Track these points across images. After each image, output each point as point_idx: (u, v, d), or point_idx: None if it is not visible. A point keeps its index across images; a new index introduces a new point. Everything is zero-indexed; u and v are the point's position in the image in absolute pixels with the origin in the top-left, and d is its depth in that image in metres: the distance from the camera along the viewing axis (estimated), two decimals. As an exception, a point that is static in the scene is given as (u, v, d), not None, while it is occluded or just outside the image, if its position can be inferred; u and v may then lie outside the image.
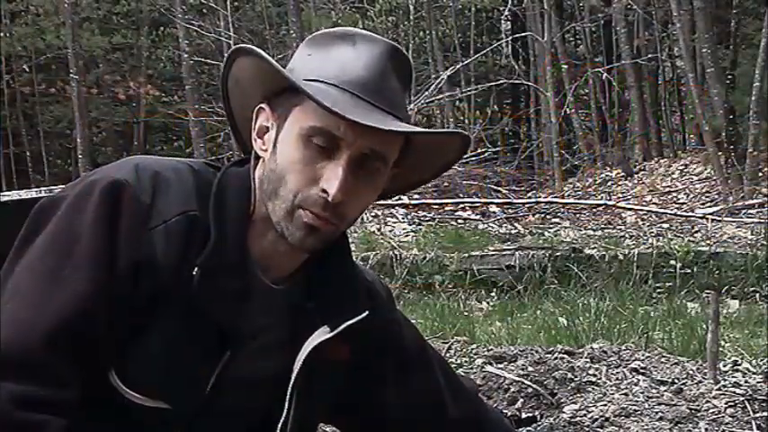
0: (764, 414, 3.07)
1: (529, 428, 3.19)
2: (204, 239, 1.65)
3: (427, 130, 1.77)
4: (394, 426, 2.00)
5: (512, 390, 3.38)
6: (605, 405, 3.16)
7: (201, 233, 1.65)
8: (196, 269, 1.64)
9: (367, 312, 1.80)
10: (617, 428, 3.02)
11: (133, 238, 1.61)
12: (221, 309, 1.68)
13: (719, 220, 9.68)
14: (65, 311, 1.56)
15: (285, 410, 1.77)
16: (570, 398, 3.31)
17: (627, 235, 9.27)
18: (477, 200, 11.67)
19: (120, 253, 1.60)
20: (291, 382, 1.76)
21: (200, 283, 1.64)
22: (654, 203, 12.04)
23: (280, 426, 1.78)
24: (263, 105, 1.71)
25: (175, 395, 1.68)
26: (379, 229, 9.23)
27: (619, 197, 12.87)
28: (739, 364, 3.73)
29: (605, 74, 17.22)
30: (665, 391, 3.27)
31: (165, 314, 1.64)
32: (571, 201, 12.41)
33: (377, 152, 1.65)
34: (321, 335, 1.76)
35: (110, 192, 1.61)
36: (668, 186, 13.22)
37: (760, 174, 12.00)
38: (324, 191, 1.62)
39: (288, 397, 1.77)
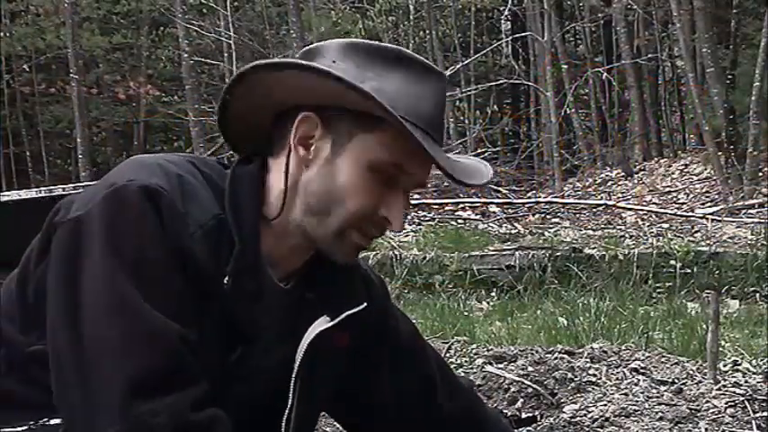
0: (764, 414, 3.07)
1: (529, 428, 3.19)
2: (230, 244, 1.66)
3: (489, 179, 1.79)
4: (389, 412, 2.01)
5: (512, 390, 3.38)
6: (605, 405, 3.16)
7: (228, 237, 1.66)
8: (227, 278, 1.65)
9: (366, 304, 1.85)
10: (617, 428, 3.02)
11: (179, 244, 1.60)
12: (241, 308, 1.69)
13: (719, 220, 9.68)
14: (172, 317, 1.57)
15: (290, 399, 1.79)
16: (570, 398, 3.31)
17: (627, 235, 9.27)
18: (477, 200, 11.67)
19: (174, 254, 1.60)
20: (295, 372, 1.79)
21: (231, 288, 1.66)
22: (654, 203, 12.04)
23: (285, 414, 1.80)
24: (310, 114, 1.68)
25: None
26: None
27: (619, 197, 12.87)
28: (739, 364, 3.73)
29: (605, 74, 17.21)
30: (666, 391, 3.27)
31: (203, 317, 1.64)
32: (571, 201, 12.41)
33: (426, 183, 1.74)
34: (322, 324, 1.79)
35: (148, 199, 1.59)
36: (668, 186, 13.21)
37: (760, 174, 11.99)
38: (386, 219, 1.68)
39: (292, 386, 1.79)
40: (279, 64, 1.67)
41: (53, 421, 1.66)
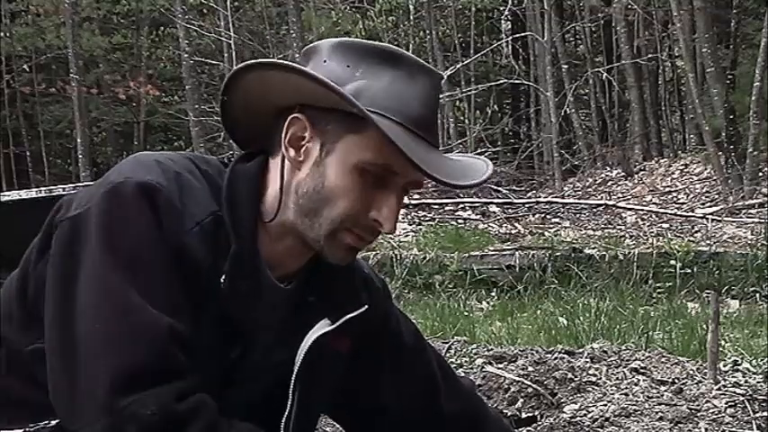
0: (765, 414, 3.07)
1: (529, 428, 3.19)
2: (227, 241, 1.67)
3: (486, 177, 1.75)
4: (391, 414, 2.01)
5: (512, 390, 3.38)
6: (605, 405, 3.16)
7: (226, 234, 1.67)
8: (224, 277, 1.66)
9: (366, 307, 1.84)
10: (617, 428, 3.02)
11: (176, 241, 1.61)
12: (238, 307, 1.70)
13: (719, 220, 9.69)
14: (164, 311, 1.57)
15: (289, 401, 1.80)
16: (570, 398, 3.31)
17: (627, 235, 9.28)
18: (477, 200, 11.67)
19: (171, 251, 1.61)
20: (294, 374, 1.79)
21: (228, 287, 1.66)
22: (654, 203, 12.04)
23: (285, 416, 1.80)
24: (297, 116, 1.69)
25: None
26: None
27: (619, 197, 12.86)
28: (739, 364, 3.73)
29: (605, 74, 17.20)
30: (666, 391, 3.27)
31: (200, 315, 1.65)
32: (571, 201, 12.41)
33: (419, 184, 1.69)
34: (323, 327, 1.80)
35: (145, 195, 1.60)
36: (668, 186, 13.21)
37: (760, 174, 11.99)
38: (377, 221, 1.66)
39: (291, 388, 1.79)
40: (266, 63, 1.69)
41: (53, 423, 1.67)
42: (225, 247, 1.66)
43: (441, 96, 1.77)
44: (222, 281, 1.65)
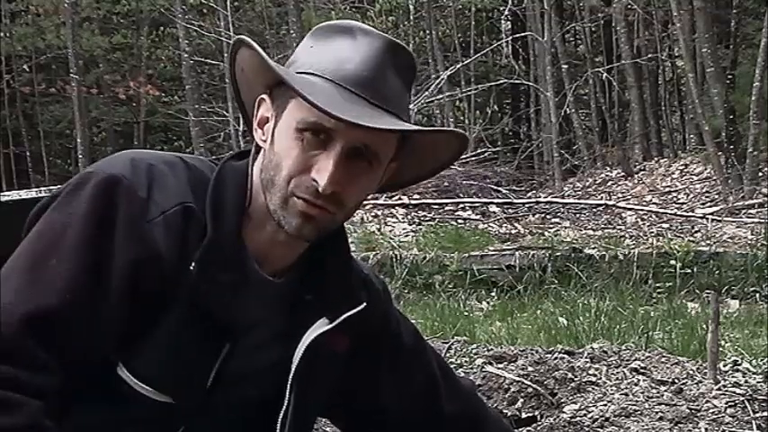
0: (764, 414, 3.07)
1: (529, 428, 3.20)
2: (201, 232, 1.66)
3: (418, 127, 1.76)
4: (390, 415, 2.01)
5: (512, 390, 3.39)
6: (605, 405, 3.16)
7: (198, 226, 1.66)
8: (193, 264, 1.64)
9: (365, 304, 1.83)
10: (617, 428, 3.03)
11: (132, 232, 1.61)
12: (219, 302, 1.68)
13: (719, 220, 9.69)
14: (45, 299, 1.57)
15: (285, 401, 1.79)
16: (570, 398, 3.31)
17: (627, 235, 9.28)
18: (477, 200, 11.68)
19: (118, 248, 1.61)
20: (292, 374, 1.78)
21: (199, 277, 1.65)
22: (654, 203, 12.05)
23: (280, 417, 1.79)
24: (263, 96, 1.72)
25: (179, 389, 1.69)
26: (379, 229, 9.24)
27: (619, 197, 12.87)
28: (739, 364, 3.74)
29: (605, 74, 17.21)
30: (666, 390, 3.27)
31: (170, 308, 1.65)
32: (571, 201, 12.42)
33: (370, 147, 1.66)
34: (320, 326, 1.78)
35: (104, 187, 1.62)
36: (668, 186, 13.21)
37: (760, 174, 12.00)
38: (314, 180, 1.63)
39: (288, 388, 1.78)
40: (238, 41, 1.72)
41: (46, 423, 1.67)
42: (197, 238, 1.66)
43: (401, 62, 1.71)
44: (191, 268, 1.64)
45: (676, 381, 3.38)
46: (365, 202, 4.50)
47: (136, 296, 1.62)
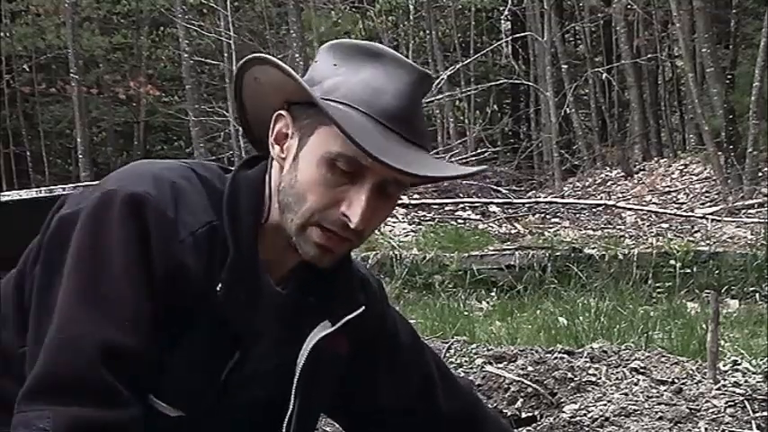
0: (764, 414, 3.07)
1: (529, 428, 3.20)
2: (224, 249, 1.65)
3: (457, 174, 1.76)
4: (389, 414, 2.01)
5: (512, 389, 3.39)
6: (605, 405, 3.17)
7: (222, 245, 1.65)
8: (220, 285, 1.64)
9: (364, 307, 1.84)
10: (617, 428, 3.03)
11: (166, 254, 1.60)
12: (236, 315, 1.69)
13: (719, 220, 9.70)
14: (110, 327, 1.55)
15: (291, 404, 1.79)
16: (570, 397, 3.32)
17: (627, 235, 9.29)
18: (476, 200, 11.68)
19: (156, 264, 1.59)
20: (296, 377, 1.78)
21: (224, 297, 1.65)
22: (653, 203, 12.06)
23: (286, 420, 1.79)
24: (282, 112, 1.69)
25: (194, 402, 1.69)
26: (379, 229, 9.24)
27: (618, 197, 12.88)
28: (739, 364, 3.73)
29: (605, 74, 17.23)
30: (665, 390, 3.27)
31: (194, 327, 1.64)
32: (571, 200, 12.42)
33: (399, 181, 1.65)
34: (323, 329, 1.79)
35: (132, 207, 1.59)
36: (668, 186, 13.22)
37: (760, 174, 12.01)
38: (345, 215, 1.62)
39: (294, 391, 1.78)
40: (260, 59, 1.69)
41: None
42: (221, 256, 1.65)
43: (425, 93, 1.71)
44: (218, 289, 1.64)
45: (676, 380, 3.38)
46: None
47: (168, 316, 1.61)
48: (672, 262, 7.54)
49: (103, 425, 1.51)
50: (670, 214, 10.55)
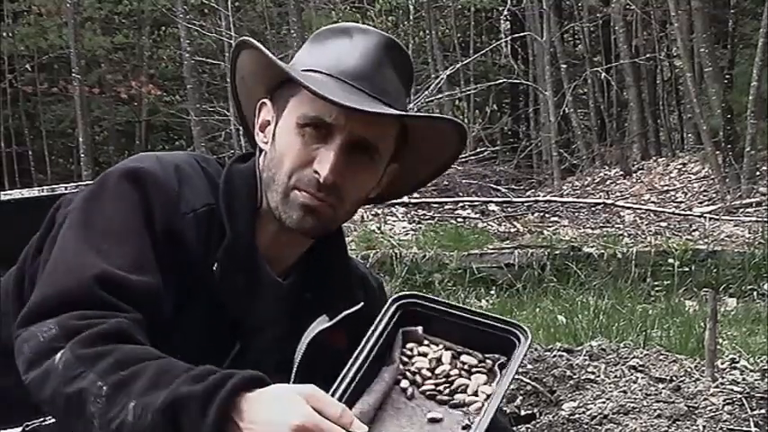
0: (762, 411, 3.10)
1: (528, 426, 3.23)
2: (221, 231, 1.70)
3: (416, 113, 1.81)
4: None
5: (511, 387, 3.42)
6: (604, 402, 3.19)
7: (219, 225, 1.70)
8: (216, 264, 1.68)
9: (363, 303, 1.86)
10: (615, 426, 3.06)
11: (167, 217, 1.65)
12: (236, 303, 1.73)
13: (717, 219, 9.73)
14: (111, 260, 1.58)
15: None
16: (569, 395, 3.35)
17: (625, 233, 9.30)
18: (476, 198, 11.70)
19: (156, 226, 1.63)
20: (294, 370, 1.81)
21: (219, 277, 1.69)
22: (652, 202, 12.08)
23: None
24: (264, 100, 1.77)
25: None
26: (378, 228, 9.25)
27: (617, 196, 12.89)
28: (737, 362, 3.76)
29: (604, 73, 17.23)
30: (664, 388, 3.30)
31: (189, 305, 1.69)
32: (570, 199, 12.44)
33: (369, 140, 1.70)
34: (321, 324, 1.82)
35: (135, 177, 1.65)
36: (666, 185, 13.24)
37: (757, 173, 12.03)
38: (316, 171, 1.67)
39: (291, 384, 1.81)
40: (241, 43, 1.76)
41: (49, 420, 1.71)
42: (218, 238, 1.70)
43: (395, 57, 1.76)
44: (214, 268, 1.69)
45: (674, 378, 3.41)
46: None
47: (166, 284, 1.65)
48: (670, 260, 7.56)
49: (107, 324, 1.52)
50: (668, 213, 10.58)
